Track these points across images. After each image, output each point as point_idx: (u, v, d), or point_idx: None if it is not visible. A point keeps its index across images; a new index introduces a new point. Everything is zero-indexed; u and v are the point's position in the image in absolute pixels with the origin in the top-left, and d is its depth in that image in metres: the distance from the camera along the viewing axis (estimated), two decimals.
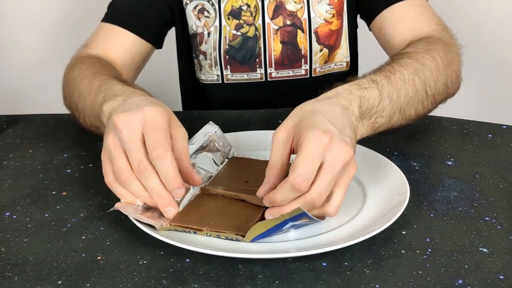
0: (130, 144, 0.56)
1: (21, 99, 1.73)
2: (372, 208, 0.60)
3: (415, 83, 0.71)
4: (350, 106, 0.62)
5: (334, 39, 0.98)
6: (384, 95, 0.66)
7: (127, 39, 0.95)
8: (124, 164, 0.57)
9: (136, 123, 0.57)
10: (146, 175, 0.56)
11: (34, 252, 0.56)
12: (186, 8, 0.98)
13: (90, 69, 0.83)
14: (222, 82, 1.00)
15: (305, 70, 0.99)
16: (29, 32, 1.67)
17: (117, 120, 0.57)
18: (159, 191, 0.57)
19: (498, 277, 0.51)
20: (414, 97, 0.71)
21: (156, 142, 0.55)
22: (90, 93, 0.76)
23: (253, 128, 0.83)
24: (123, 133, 0.56)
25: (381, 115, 0.66)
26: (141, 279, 0.51)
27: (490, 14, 1.59)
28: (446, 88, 0.79)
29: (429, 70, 0.74)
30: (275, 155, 0.57)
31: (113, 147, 0.57)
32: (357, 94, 0.63)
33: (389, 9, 0.91)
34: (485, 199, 0.64)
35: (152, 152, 0.55)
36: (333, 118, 0.57)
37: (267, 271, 0.52)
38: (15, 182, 0.71)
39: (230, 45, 0.97)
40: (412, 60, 0.74)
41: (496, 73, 1.65)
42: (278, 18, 0.96)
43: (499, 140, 0.80)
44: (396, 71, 0.70)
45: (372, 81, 0.66)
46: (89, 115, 0.76)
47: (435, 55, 0.77)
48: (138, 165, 0.56)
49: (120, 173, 0.57)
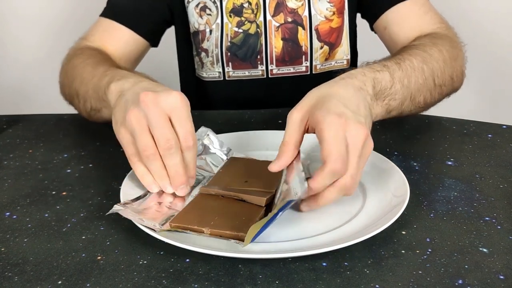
0: (159, 121, 0.57)
1: (21, 99, 1.73)
2: (372, 208, 0.60)
3: (424, 71, 0.74)
4: (364, 86, 0.63)
5: (335, 37, 0.99)
6: (396, 79, 0.69)
7: (124, 34, 0.96)
8: (150, 141, 0.58)
9: (164, 103, 0.58)
10: (173, 152, 0.58)
11: (34, 252, 0.56)
12: (188, 6, 0.98)
13: (93, 58, 0.85)
14: (224, 79, 1.00)
15: (305, 67, 0.99)
16: (29, 32, 1.67)
17: (145, 97, 0.58)
18: (179, 168, 0.59)
19: (498, 277, 0.51)
20: (423, 84, 0.74)
21: (188, 133, 0.59)
22: (93, 78, 0.77)
23: (253, 128, 0.83)
24: (152, 111, 0.57)
25: (393, 98, 0.68)
26: (141, 279, 0.51)
27: (490, 14, 1.59)
28: (452, 81, 0.81)
29: (436, 61, 0.77)
30: (290, 133, 0.58)
31: (138, 123, 0.58)
32: (370, 76, 0.65)
33: (394, 9, 0.92)
34: (485, 199, 0.64)
35: (183, 142, 0.58)
36: (347, 100, 0.58)
37: (267, 271, 0.52)
38: (15, 182, 0.71)
39: (232, 42, 0.98)
40: (420, 50, 0.77)
41: (496, 73, 1.65)
42: (279, 15, 0.97)
43: (499, 140, 0.80)
44: (405, 59, 0.73)
45: (383, 66, 0.69)
46: (91, 97, 0.78)
47: (441, 49, 0.80)
48: (166, 142, 0.57)
49: (145, 149, 0.58)
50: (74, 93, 0.84)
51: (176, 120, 0.58)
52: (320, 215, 0.59)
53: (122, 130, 0.61)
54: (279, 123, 0.86)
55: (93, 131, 0.87)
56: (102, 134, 0.85)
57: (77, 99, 0.83)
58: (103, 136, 0.84)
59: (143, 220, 0.56)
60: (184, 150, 0.59)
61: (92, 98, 0.78)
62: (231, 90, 1.02)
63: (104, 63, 0.83)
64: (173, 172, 0.59)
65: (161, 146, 0.58)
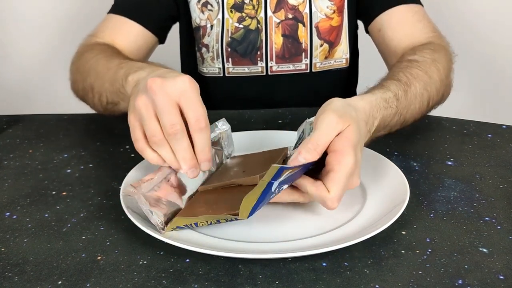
0: (165, 106, 0.57)
1: (21, 99, 1.72)
2: (372, 208, 0.60)
3: (423, 97, 0.76)
4: (373, 127, 0.65)
5: (335, 36, 0.99)
6: (398, 112, 0.71)
7: (133, 30, 0.96)
8: (157, 126, 0.58)
9: (172, 89, 0.58)
10: (179, 137, 0.57)
11: (34, 252, 0.56)
12: (190, 1, 0.99)
13: (105, 53, 0.86)
14: (224, 75, 1.01)
15: (305, 64, 1.00)
16: (29, 33, 1.67)
17: (152, 83, 0.57)
18: (186, 153, 0.58)
19: (498, 277, 0.51)
20: (418, 110, 0.76)
21: (199, 115, 0.58)
22: (109, 71, 0.78)
23: (253, 128, 0.83)
24: (158, 96, 0.57)
25: (386, 128, 0.70)
26: (141, 279, 0.51)
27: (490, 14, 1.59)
28: (442, 98, 0.84)
29: (434, 83, 0.79)
30: (325, 133, 0.56)
31: (145, 109, 0.58)
32: (381, 114, 0.66)
33: (388, 12, 0.94)
34: (485, 199, 0.64)
35: (194, 124, 0.57)
36: (362, 140, 0.60)
37: (267, 271, 0.52)
38: (15, 182, 0.71)
39: (232, 38, 0.98)
40: (422, 72, 0.78)
41: (497, 73, 1.65)
42: (280, 11, 0.97)
43: (499, 140, 0.80)
44: (411, 84, 0.75)
45: (396, 100, 0.70)
46: (107, 90, 0.78)
47: (439, 67, 0.82)
48: (171, 127, 0.57)
49: (153, 134, 0.58)
50: (88, 88, 0.84)
51: (185, 103, 0.58)
52: (320, 215, 0.60)
53: (132, 117, 0.61)
54: (279, 123, 0.86)
55: (93, 131, 0.87)
56: (102, 134, 0.85)
57: (92, 93, 0.83)
58: (103, 136, 0.84)
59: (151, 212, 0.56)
60: (196, 132, 0.58)
61: (108, 91, 0.78)
62: (230, 87, 1.02)
63: (117, 56, 0.83)
64: (181, 157, 0.59)
65: (167, 131, 0.57)
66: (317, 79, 1.01)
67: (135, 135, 0.60)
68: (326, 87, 1.02)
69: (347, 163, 0.55)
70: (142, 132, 0.60)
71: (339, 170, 0.55)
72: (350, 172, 0.55)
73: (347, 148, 0.55)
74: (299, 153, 0.55)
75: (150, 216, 0.56)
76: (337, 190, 0.55)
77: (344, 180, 0.55)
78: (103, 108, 0.82)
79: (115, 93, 0.75)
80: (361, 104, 0.63)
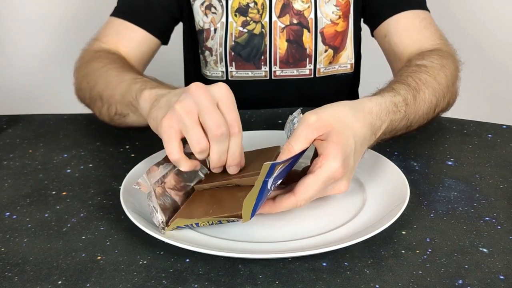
0: (211, 107, 0.57)
1: (21, 99, 1.72)
2: (372, 208, 0.60)
3: (431, 103, 0.76)
4: (379, 130, 0.64)
5: (340, 41, 0.99)
6: (406, 117, 0.70)
7: (137, 35, 0.96)
8: (202, 132, 0.57)
9: (214, 92, 0.59)
10: (222, 139, 0.57)
11: (34, 252, 0.56)
12: (194, 4, 0.98)
13: (115, 64, 0.85)
14: (227, 79, 1.00)
15: (309, 70, 0.99)
16: (29, 33, 1.67)
17: (197, 87, 0.58)
18: (223, 157, 0.59)
19: (498, 277, 0.51)
20: (425, 116, 0.76)
21: (233, 120, 0.58)
22: (121, 83, 0.77)
23: (253, 128, 0.83)
24: (203, 97, 0.57)
25: (392, 132, 0.69)
26: (141, 279, 0.51)
27: (491, 14, 1.59)
28: (448, 105, 0.83)
29: (442, 90, 0.79)
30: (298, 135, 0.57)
31: (190, 115, 0.57)
32: (389, 118, 0.66)
33: (395, 17, 0.93)
34: (485, 199, 0.64)
35: (230, 129, 0.58)
36: (359, 146, 0.60)
37: (267, 271, 0.52)
38: (15, 182, 0.71)
39: (236, 42, 0.98)
40: (431, 78, 0.78)
41: (497, 73, 1.65)
42: (285, 16, 0.97)
43: (499, 140, 0.80)
44: (420, 90, 0.74)
45: (405, 104, 0.69)
46: (117, 102, 0.78)
47: (447, 73, 0.81)
48: (217, 128, 0.57)
49: (198, 142, 0.57)
50: (97, 97, 0.83)
51: (223, 107, 0.58)
52: (320, 215, 0.60)
53: (166, 125, 0.58)
54: (279, 123, 0.86)
55: (93, 131, 0.87)
56: (102, 134, 0.85)
57: (101, 102, 0.82)
58: (103, 136, 0.84)
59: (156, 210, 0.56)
60: (230, 137, 0.59)
61: (118, 103, 0.77)
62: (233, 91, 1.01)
63: (130, 70, 0.83)
64: (216, 159, 0.59)
65: (213, 131, 0.57)
66: (321, 84, 1.00)
67: (170, 147, 0.58)
68: (330, 92, 1.02)
69: (329, 168, 0.56)
70: (178, 143, 0.58)
71: (317, 174, 0.56)
72: (330, 177, 0.56)
73: (333, 153, 0.56)
74: (288, 144, 0.57)
75: (154, 213, 0.56)
76: (304, 193, 0.55)
77: (318, 184, 0.55)
78: (110, 118, 0.81)
79: (125, 105, 0.75)
80: (369, 105, 0.63)
